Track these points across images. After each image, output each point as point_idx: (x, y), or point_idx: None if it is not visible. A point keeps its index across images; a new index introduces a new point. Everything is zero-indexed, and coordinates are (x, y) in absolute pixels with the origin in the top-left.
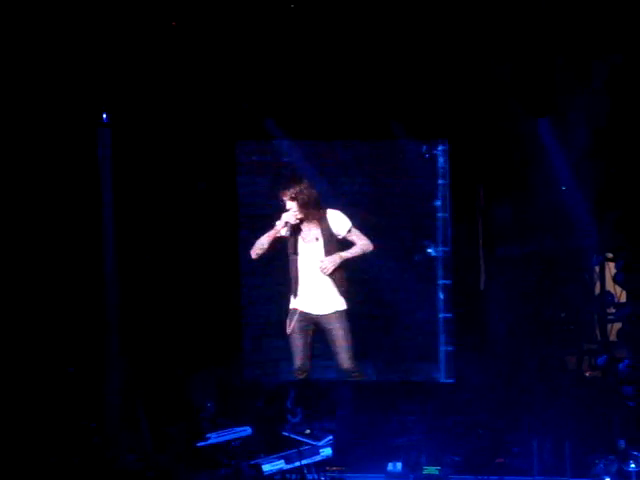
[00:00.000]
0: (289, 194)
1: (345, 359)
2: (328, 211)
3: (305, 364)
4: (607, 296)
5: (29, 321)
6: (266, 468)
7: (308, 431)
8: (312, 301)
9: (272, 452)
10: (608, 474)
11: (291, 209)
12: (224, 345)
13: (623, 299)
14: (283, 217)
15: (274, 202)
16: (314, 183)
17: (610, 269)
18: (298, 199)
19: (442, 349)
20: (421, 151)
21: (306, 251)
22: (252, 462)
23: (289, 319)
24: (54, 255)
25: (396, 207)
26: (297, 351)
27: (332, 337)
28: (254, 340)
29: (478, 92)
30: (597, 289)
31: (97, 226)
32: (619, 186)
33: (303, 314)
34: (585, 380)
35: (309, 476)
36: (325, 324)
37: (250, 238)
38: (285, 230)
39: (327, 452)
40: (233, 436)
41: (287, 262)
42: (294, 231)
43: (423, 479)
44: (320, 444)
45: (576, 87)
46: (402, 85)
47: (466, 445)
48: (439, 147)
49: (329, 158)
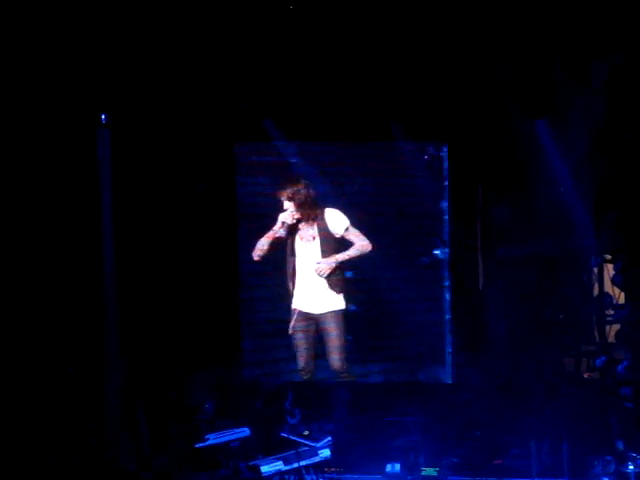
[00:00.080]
0: (286, 194)
1: (335, 359)
2: (326, 210)
3: (309, 364)
4: (606, 297)
5: (29, 321)
6: (264, 469)
7: (307, 432)
8: (310, 300)
9: (271, 453)
10: (606, 475)
11: (288, 209)
12: (223, 345)
13: (622, 301)
14: (280, 217)
15: (273, 202)
16: (314, 183)
17: (609, 270)
18: (295, 199)
19: (448, 350)
20: (423, 152)
21: (304, 250)
22: (250, 463)
23: (291, 319)
24: (53, 255)
25: (402, 208)
26: (300, 351)
27: (326, 337)
28: (253, 340)
29: (477, 92)
30: (596, 290)
31: (96, 226)
32: (618, 187)
33: (302, 313)
34: (583, 381)
35: (307, 477)
36: (321, 323)
37: (249, 238)
38: (283, 230)
39: (325, 453)
40: (232, 437)
41: (285, 262)
42: (292, 231)
43: None
44: (319, 445)
45: (575, 87)
46: (401, 85)
47: (464, 446)
48: (444, 149)
49: (329, 158)
